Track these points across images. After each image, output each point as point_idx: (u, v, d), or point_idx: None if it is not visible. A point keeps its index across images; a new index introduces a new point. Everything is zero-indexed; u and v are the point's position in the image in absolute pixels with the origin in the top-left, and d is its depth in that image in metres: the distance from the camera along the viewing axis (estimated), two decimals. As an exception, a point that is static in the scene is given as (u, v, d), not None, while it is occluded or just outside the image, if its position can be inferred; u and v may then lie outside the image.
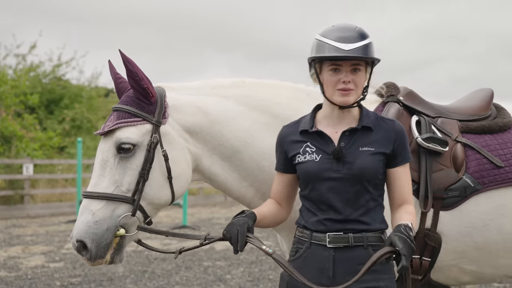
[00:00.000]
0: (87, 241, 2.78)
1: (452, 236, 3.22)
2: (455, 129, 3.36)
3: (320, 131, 2.74)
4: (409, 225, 2.58)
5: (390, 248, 2.49)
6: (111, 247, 2.83)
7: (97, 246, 2.79)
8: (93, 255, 2.79)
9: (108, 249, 2.82)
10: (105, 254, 2.81)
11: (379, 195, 2.73)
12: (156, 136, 2.88)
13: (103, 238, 2.80)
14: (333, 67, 2.68)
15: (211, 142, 3.05)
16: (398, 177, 2.73)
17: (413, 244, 2.49)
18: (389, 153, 2.71)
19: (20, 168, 18.89)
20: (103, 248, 2.80)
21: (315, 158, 2.70)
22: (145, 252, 10.68)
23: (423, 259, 3.20)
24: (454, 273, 3.33)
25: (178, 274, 8.74)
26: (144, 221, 2.92)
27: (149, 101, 2.92)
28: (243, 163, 3.09)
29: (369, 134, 2.72)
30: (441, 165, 3.21)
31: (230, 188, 3.15)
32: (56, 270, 9.08)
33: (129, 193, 2.84)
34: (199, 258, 10.08)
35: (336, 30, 2.70)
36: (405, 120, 3.28)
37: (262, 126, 3.10)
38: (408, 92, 3.40)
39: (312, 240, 2.70)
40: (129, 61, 2.85)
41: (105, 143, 2.90)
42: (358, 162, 2.66)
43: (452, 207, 3.20)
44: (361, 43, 2.65)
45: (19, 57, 25.10)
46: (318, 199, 2.70)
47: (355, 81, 2.67)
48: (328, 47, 2.66)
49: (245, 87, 3.17)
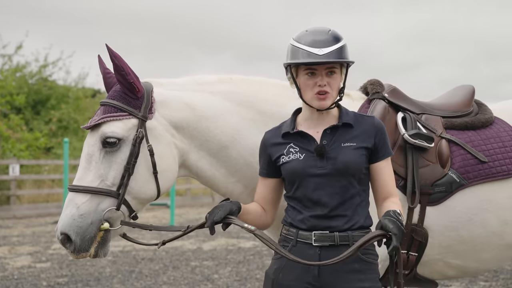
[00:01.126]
0: (72, 234, 2.78)
1: (438, 230, 3.25)
2: (439, 125, 3.40)
3: (302, 132, 2.78)
4: (398, 211, 2.61)
5: (380, 231, 2.52)
6: (95, 240, 2.83)
7: (81, 239, 2.79)
8: (77, 248, 2.80)
9: (92, 242, 2.83)
10: (89, 247, 2.82)
11: (363, 190, 2.76)
12: (142, 130, 2.88)
13: (88, 232, 2.80)
14: (308, 71, 2.72)
15: (198, 137, 3.06)
16: (381, 171, 2.77)
17: (403, 227, 2.52)
18: (370, 147, 2.75)
19: (6, 169, 18.80)
20: (87, 241, 2.80)
21: (299, 157, 2.74)
22: (132, 252, 10.67)
23: (410, 254, 3.23)
24: (439, 267, 3.36)
25: (165, 274, 8.72)
26: (129, 215, 2.93)
27: (136, 96, 2.93)
28: (231, 159, 3.10)
29: (350, 130, 2.76)
30: (427, 161, 3.24)
31: (217, 184, 3.16)
32: (43, 270, 9.04)
33: (114, 187, 2.84)
34: (187, 258, 10.07)
35: (310, 34, 2.74)
36: (391, 116, 3.31)
37: (249, 122, 3.12)
38: (392, 89, 3.44)
39: (298, 238, 2.72)
40: (116, 55, 2.85)
41: (91, 137, 2.90)
42: (341, 157, 2.69)
43: (438, 202, 3.23)
44: (334, 47, 2.69)
45: (5, 57, 25.03)
46: (304, 196, 2.72)
47: (330, 83, 2.72)
48: (302, 52, 2.69)
49: (232, 83, 3.18)
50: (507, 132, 3.45)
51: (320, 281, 2.67)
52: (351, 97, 3.35)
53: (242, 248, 11.20)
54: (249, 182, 3.12)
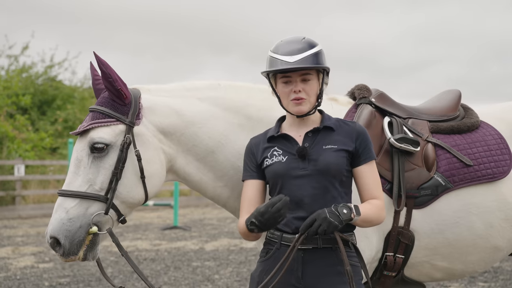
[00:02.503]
0: (61, 237, 2.84)
1: (424, 233, 3.30)
2: (426, 129, 3.44)
3: (285, 134, 2.87)
4: (348, 205, 2.70)
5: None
6: (84, 244, 2.89)
7: (70, 243, 2.85)
8: (66, 251, 2.85)
9: (81, 246, 2.88)
10: (78, 250, 2.88)
11: (345, 193, 2.83)
12: (129, 136, 2.93)
13: (76, 235, 2.86)
14: (284, 79, 2.83)
15: (186, 143, 3.11)
16: (364, 175, 2.84)
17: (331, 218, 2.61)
18: (352, 151, 2.82)
19: (12, 169, 18.91)
20: (76, 245, 2.86)
21: (282, 159, 2.82)
22: (135, 253, 10.73)
23: (397, 256, 3.28)
24: (426, 269, 3.41)
25: (166, 275, 8.79)
26: (118, 219, 2.98)
27: (123, 102, 2.98)
28: (218, 164, 3.16)
29: (331, 134, 2.85)
30: (413, 164, 3.29)
31: (205, 188, 3.21)
32: (45, 271, 9.12)
33: (102, 192, 2.90)
34: (189, 258, 10.13)
35: (284, 44, 2.85)
36: (378, 121, 3.36)
37: (236, 127, 3.17)
38: (379, 94, 3.48)
39: (282, 241, 2.79)
40: (103, 63, 2.90)
41: (80, 143, 2.96)
42: (322, 159, 2.78)
43: (424, 206, 3.27)
44: (305, 54, 2.79)
45: (12, 58, 25.13)
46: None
47: (306, 90, 2.80)
48: (276, 61, 2.82)
49: (220, 89, 3.24)
50: (492, 136, 3.49)
51: (304, 283, 2.74)
52: (338, 102, 3.40)
53: (244, 249, 11.25)
54: (236, 186, 3.17)
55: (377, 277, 3.35)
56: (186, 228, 14.39)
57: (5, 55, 24.83)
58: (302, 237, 2.66)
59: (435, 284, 7.66)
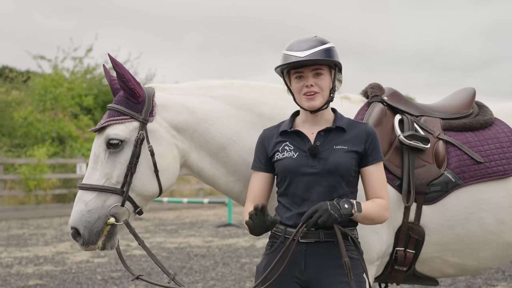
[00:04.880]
0: (80, 228, 3.04)
1: (434, 229, 3.35)
2: (438, 127, 3.49)
3: (298, 131, 2.98)
4: (350, 201, 2.80)
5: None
6: (102, 234, 3.08)
7: (89, 233, 3.04)
8: (85, 241, 3.05)
9: (100, 236, 3.07)
10: (97, 240, 3.07)
11: (351, 192, 2.93)
12: (143, 132, 3.10)
13: (95, 226, 3.05)
14: (296, 75, 2.94)
15: (198, 139, 3.26)
16: (371, 175, 2.93)
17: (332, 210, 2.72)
18: (361, 152, 2.91)
19: (74, 168, 19.56)
20: (94, 235, 3.05)
21: (293, 155, 2.93)
22: (187, 249, 10.98)
23: (407, 251, 3.34)
24: (438, 265, 3.45)
25: (214, 270, 8.97)
26: (134, 210, 3.16)
27: (137, 100, 3.16)
28: (230, 159, 3.29)
29: (343, 134, 2.94)
30: (423, 161, 3.34)
31: (218, 183, 3.35)
32: (99, 265, 9.46)
33: (119, 185, 3.08)
34: (238, 255, 10.29)
35: (297, 42, 2.96)
36: (389, 118, 3.43)
37: (248, 124, 3.30)
38: (392, 93, 3.55)
39: (286, 235, 2.90)
40: (117, 64, 3.08)
41: (98, 139, 3.16)
42: (332, 158, 2.87)
43: (434, 201, 3.32)
44: (316, 49, 2.89)
45: (76, 60, 25.88)
46: (294, 193, 2.90)
47: (318, 84, 2.91)
48: (288, 57, 2.92)
49: (233, 88, 3.38)
50: (505, 133, 3.50)
51: (306, 275, 2.85)
52: (351, 100, 3.49)
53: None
54: (248, 181, 3.27)
55: (389, 271, 3.41)
56: (239, 225, 14.58)
57: (70, 57, 25.61)
58: (303, 228, 2.77)
59: (482, 283, 7.59)
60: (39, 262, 9.76)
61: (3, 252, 10.87)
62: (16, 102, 24.18)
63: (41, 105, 22.92)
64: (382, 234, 3.25)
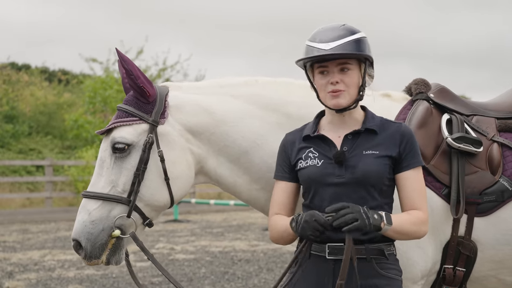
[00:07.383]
0: (82, 240, 2.74)
1: (488, 244, 2.95)
2: (492, 127, 3.07)
3: (323, 135, 2.61)
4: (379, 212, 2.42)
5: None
6: (106, 248, 2.77)
7: (92, 246, 2.74)
8: (88, 254, 2.74)
9: (104, 249, 2.76)
10: (101, 254, 2.76)
11: (386, 203, 2.55)
12: (152, 136, 2.79)
13: (99, 238, 2.74)
14: (320, 69, 2.56)
15: (217, 143, 2.93)
16: (406, 183, 2.54)
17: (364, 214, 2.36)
18: (395, 156, 2.53)
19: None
20: (98, 248, 2.75)
21: (317, 163, 2.57)
22: (231, 253, 10.73)
23: (457, 269, 2.95)
24: (493, 284, 3.05)
25: (257, 276, 8.68)
26: (143, 222, 2.85)
27: (147, 100, 2.84)
28: (253, 165, 2.95)
29: (374, 137, 2.56)
30: (475, 167, 2.95)
31: (240, 191, 3.01)
32: (141, 270, 9.27)
33: (125, 194, 2.77)
34: (283, 260, 9.98)
35: (321, 32, 2.58)
36: (435, 118, 3.04)
37: (274, 126, 2.95)
38: (440, 89, 3.15)
39: (312, 251, 2.55)
40: (125, 59, 2.78)
41: (104, 143, 2.86)
42: (361, 166, 2.49)
43: (488, 213, 2.93)
44: (343, 40, 2.51)
45: (127, 62, 26.03)
46: (319, 206, 2.53)
47: (344, 81, 2.52)
48: (311, 50, 2.55)
49: (257, 86, 3.03)
50: None
51: None
52: (392, 98, 3.11)
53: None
54: None
55: None
56: (287, 229, 14.25)
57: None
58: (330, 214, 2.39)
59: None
60: (81, 266, 9.63)
61: (48, 254, 10.81)
62: (68, 104, 24.47)
63: (91, 107, 23.10)
64: (427, 250, 2.87)
